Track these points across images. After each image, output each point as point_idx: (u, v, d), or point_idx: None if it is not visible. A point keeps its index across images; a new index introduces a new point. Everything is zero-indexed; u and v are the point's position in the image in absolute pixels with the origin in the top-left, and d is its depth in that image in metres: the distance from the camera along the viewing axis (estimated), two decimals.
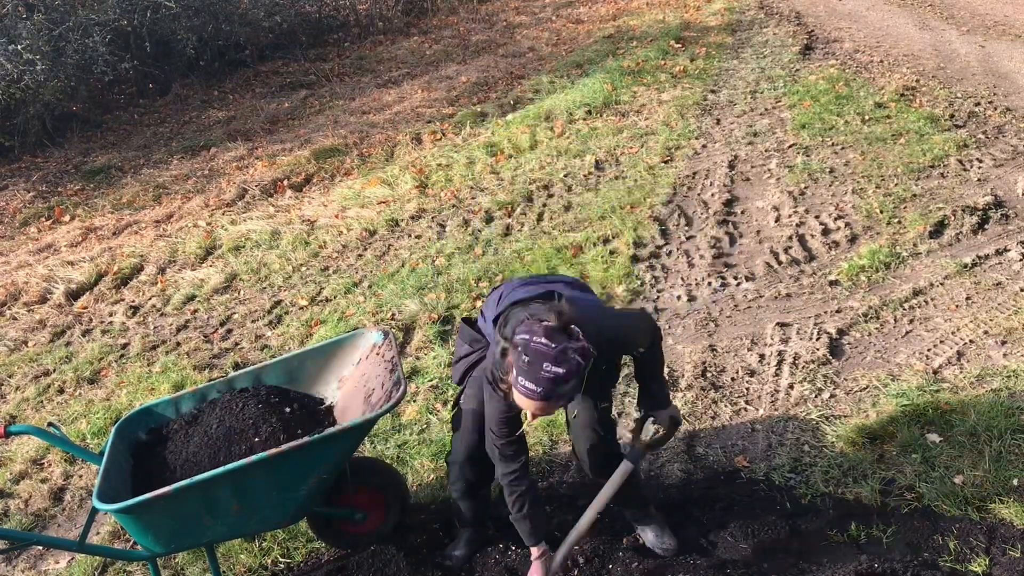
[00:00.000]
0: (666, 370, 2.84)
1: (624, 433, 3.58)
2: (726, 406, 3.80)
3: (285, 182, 7.42)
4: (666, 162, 6.61)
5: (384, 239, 6.04)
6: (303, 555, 3.26)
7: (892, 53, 8.79)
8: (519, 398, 2.35)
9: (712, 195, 5.93)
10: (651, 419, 2.78)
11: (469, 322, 2.92)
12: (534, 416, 2.43)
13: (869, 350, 4.07)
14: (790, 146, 6.57)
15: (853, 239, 5.09)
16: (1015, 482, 3.08)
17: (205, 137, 9.10)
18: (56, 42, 9.26)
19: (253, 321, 5.19)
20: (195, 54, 10.99)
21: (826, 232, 5.20)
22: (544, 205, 6.17)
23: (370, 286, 5.37)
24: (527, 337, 2.30)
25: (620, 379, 4.05)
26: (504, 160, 7.16)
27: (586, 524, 2.78)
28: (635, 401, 3.10)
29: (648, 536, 3.03)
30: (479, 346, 2.82)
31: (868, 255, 4.81)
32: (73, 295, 5.84)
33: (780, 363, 4.04)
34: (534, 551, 2.71)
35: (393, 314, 4.94)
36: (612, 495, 2.77)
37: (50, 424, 2.89)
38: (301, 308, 5.24)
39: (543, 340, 2.28)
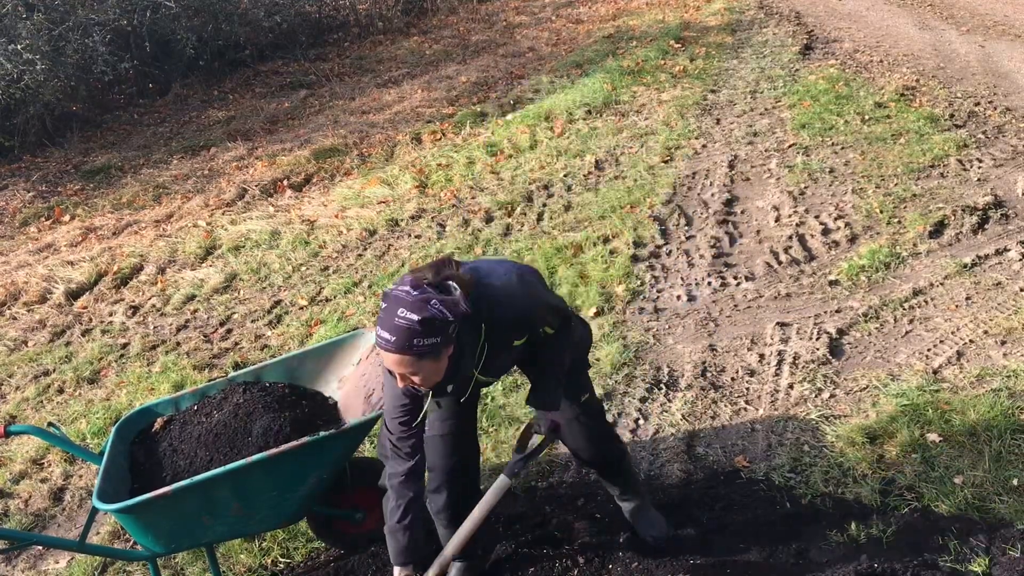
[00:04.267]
0: (559, 376, 2.64)
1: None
2: (726, 406, 3.80)
3: (285, 182, 7.42)
4: (666, 162, 6.60)
5: (384, 239, 6.04)
6: (303, 555, 3.26)
7: (892, 53, 8.79)
8: (379, 353, 2.19)
9: (712, 195, 5.93)
10: (533, 426, 2.64)
11: None
12: (403, 381, 2.22)
13: (869, 350, 4.07)
14: (790, 146, 6.57)
15: (853, 239, 5.09)
16: (1015, 482, 3.08)
17: (205, 137, 9.10)
18: (56, 42, 9.26)
19: (253, 321, 5.19)
20: (195, 54, 10.98)
21: (826, 232, 5.20)
22: (544, 205, 6.17)
23: (370, 286, 5.37)
24: (392, 288, 2.16)
25: (619, 381, 4.06)
26: (504, 160, 7.16)
27: (457, 545, 2.54)
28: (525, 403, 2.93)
29: (631, 518, 2.97)
30: None
31: (868, 255, 4.81)
32: (73, 295, 5.84)
33: (780, 363, 4.04)
34: (397, 571, 2.45)
35: None
36: (486, 513, 2.54)
37: (50, 424, 2.89)
38: (301, 308, 5.24)
39: (406, 288, 2.13)
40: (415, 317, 2.08)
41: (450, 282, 2.19)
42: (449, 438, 2.63)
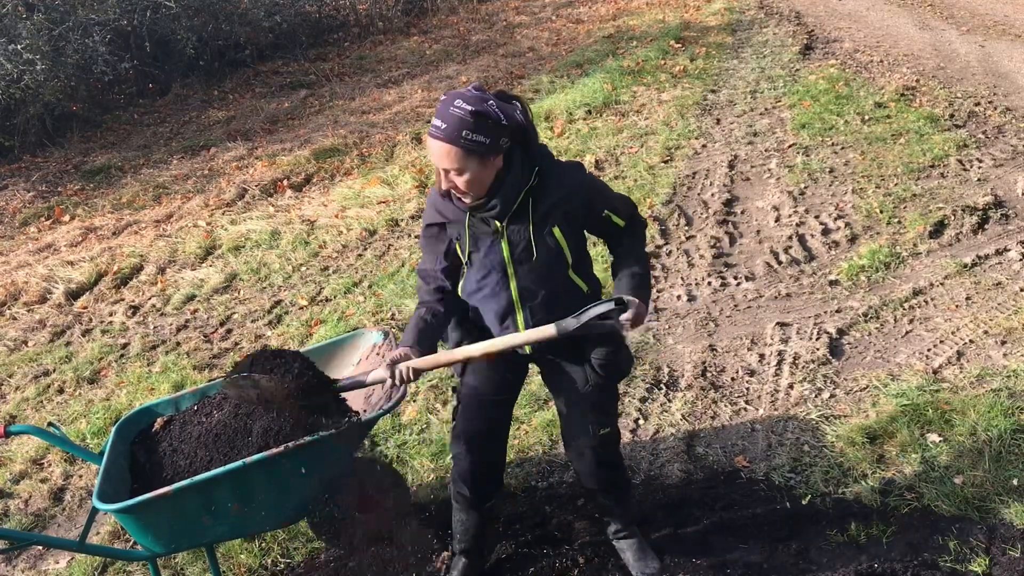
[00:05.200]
0: (650, 276, 2.55)
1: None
2: (726, 406, 3.80)
3: (285, 182, 7.42)
4: (666, 162, 6.60)
5: (384, 239, 6.04)
6: (303, 555, 3.26)
7: (892, 53, 8.79)
8: (428, 146, 2.24)
9: (712, 195, 5.93)
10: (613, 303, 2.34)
11: None
12: (446, 178, 2.25)
13: (869, 350, 4.07)
14: (790, 146, 6.57)
15: (853, 239, 5.09)
16: (1015, 482, 3.08)
17: (205, 137, 9.10)
18: (56, 42, 9.26)
19: (253, 321, 5.19)
20: (195, 54, 10.99)
21: (826, 232, 5.20)
22: None
23: (370, 286, 5.37)
24: (456, 90, 2.22)
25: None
26: None
27: (464, 353, 2.43)
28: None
29: (628, 557, 2.89)
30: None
31: (868, 255, 4.81)
32: (73, 295, 5.84)
33: (780, 363, 4.04)
34: (399, 350, 2.40)
35: (393, 314, 4.94)
36: (507, 347, 2.40)
37: (50, 424, 2.89)
38: (301, 308, 5.24)
39: (469, 88, 2.19)
40: (469, 107, 2.15)
41: (515, 100, 2.26)
42: (471, 435, 2.66)
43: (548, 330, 2.36)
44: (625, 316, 2.31)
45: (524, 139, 2.34)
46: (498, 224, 2.39)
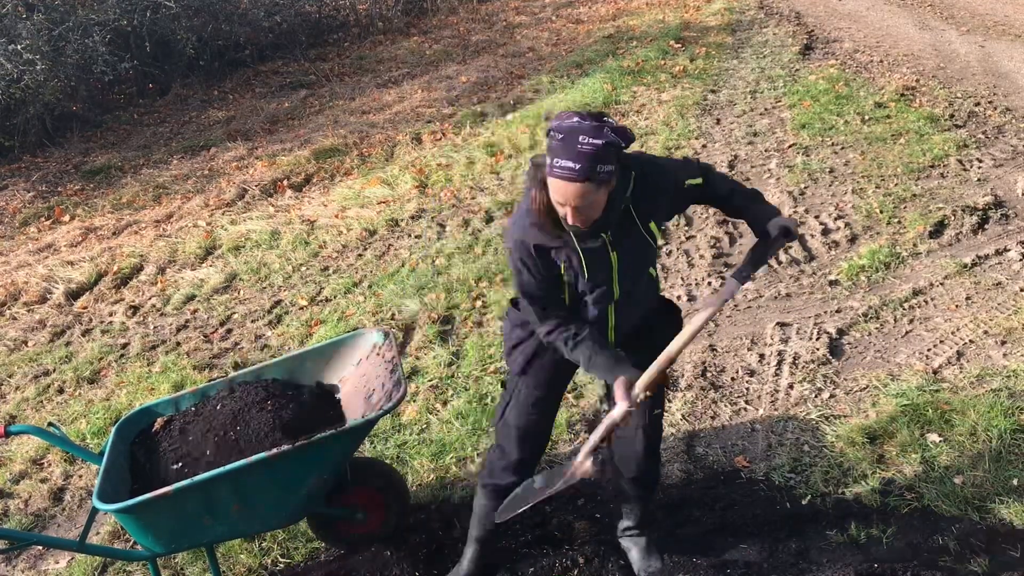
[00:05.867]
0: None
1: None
2: (726, 406, 3.80)
3: (285, 182, 7.42)
4: None
5: (384, 239, 6.04)
6: (303, 555, 3.26)
7: (892, 53, 8.78)
8: (554, 187, 2.19)
9: None
10: (759, 240, 2.52)
11: (516, 304, 2.69)
12: (574, 214, 2.22)
13: (869, 350, 4.07)
14: (790, 146, 6.57)
15: (853, 239, 5.09)
16: (1015, 482, 3.08)
17: (205, 137, 9.10)
18: (56, 42, 9.26)
19: (253, 321, 5.19)
20: (195, 54, 10.98)
21: (826, 232, 5.20)
22: None
23: (370, 286, 5.37)
24: (558, 121, 2.17)
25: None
26: (504, 160, 7.16)
27: (675, 348, 2.42)
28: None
29: (633, 555, 2.92)
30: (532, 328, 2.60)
31: (868, 255, 4.81)
32: (73, 295, 5.84)
33: (780, 363, 4.04)
34: (619, 381, 2.36)
35: (393, 314, 4.94)
36: (706, 321, 2.45)
37: (50, 424, 2.89)
38: (301, 308, 5.24)
39: (576, 119, 2.16)
40: (598, 142, 2.12)
41: (605, 116, 2.23)
42: (524, 430, 2.67)
43: (731, 286, 2.48)
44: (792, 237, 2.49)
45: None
46: (605, 235, 2.40)
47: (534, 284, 2.42)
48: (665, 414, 3.77)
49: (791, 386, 3.87)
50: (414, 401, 4.11)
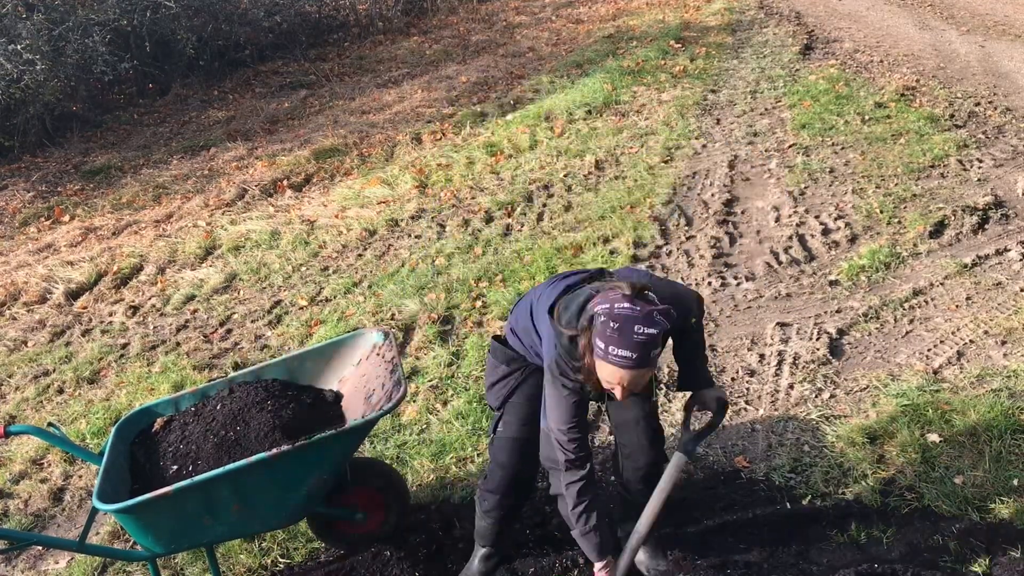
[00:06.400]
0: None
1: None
2: None
3: (285, 182, 7.42)
4: (666, 162, 6.60)
5: (384, 239, 6.04)
6: (303, 555, 3.26)
7: (892, 53, 8.79)
8: (608, 371, 2.23)
9: (712, 195, 5.92)
10: (696, 405, 2.67)
11: (501, 341, 2.77)
12: (623, 392, 2.28)
13: (869, 350, 4.07)
14: (790, 146, 6.57)
15: (853, 239, 5.09)
16: (1015, 482, 3.08)
17: (205, 137, 9.10)
18: (56, 42, 9.26)
19: (253, 321, 5.19)
20: (195, 54, 10.98)
21: (826, 232, 5.20)
22: (544, 205, 6.17)
23: (370, 286, 5.37)
24: (608, 306, 2.20)
25: None
26: (504, 160, 7.16)
27: (646, 525, 2.57)
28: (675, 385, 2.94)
29: (640, 556, 2.92)
30: (516, 367, 2.69)
31: (868, 255, 4.81)
32: (73, 295, 5.84)
33: (780, 363, 4.04)
34: (598, 565, 2.52)
35: (393, 314, 4.94)
36: (670, 490, 2.57)
37: (50, 424, 2.89)
38: (301, 308, 5.24)
39: (626, 305, 2.19)
40: (653, 331, 2.18)
41: (647, 292, 2.27)
42: (522, 442, 2.70)
43: (680, 460, 2.58)
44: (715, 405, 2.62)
45: None
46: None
47: (571, 419, 2.42)
48: (665, 414, 3.77)
49: (791, 386, 3.87)
50: (414, 401, 4.11)
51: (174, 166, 8.33)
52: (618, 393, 2.29)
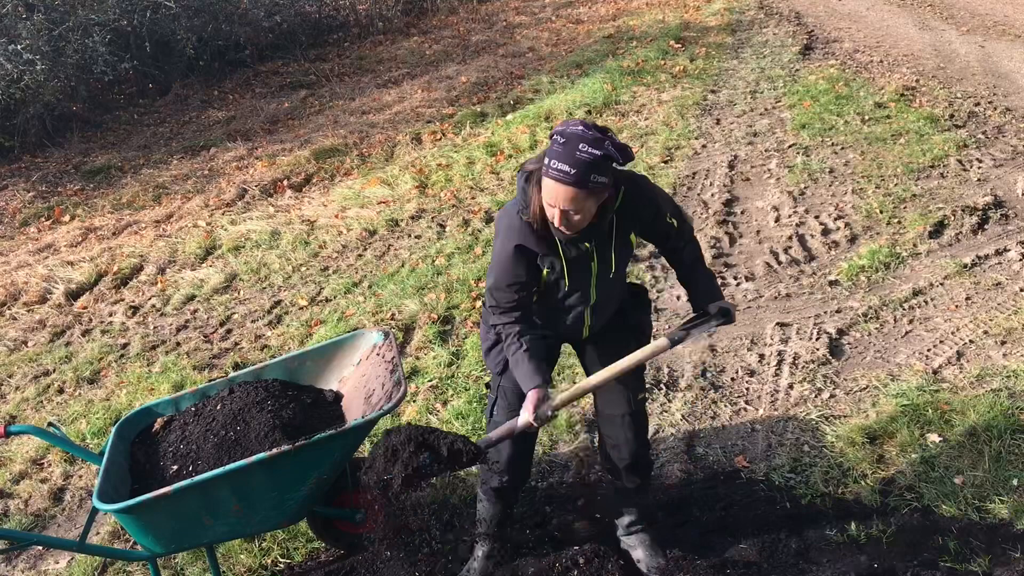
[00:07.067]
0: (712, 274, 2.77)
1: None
2: (726, 406, 3.80)
3: (285, 182, 7.42)
4: (666, 162, 6.60)
5: (384, 239, 6.04)
6: (303, 555, 3.26)
7: (892, 53, 8.79)
8: (546, 188, 2.26)
9: (712, 195, 5.93)
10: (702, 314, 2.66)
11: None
12: (560, 217, 2.29)
13: (869, 350, 4.07)
14: (790, 146, 6.57)
15: (853, 239, 5.09)
16: (1015, 482, 3.08)
17: (205, 137, 9.10)
18: (56, 42, 9.26)
19: (253, 321, 5.19)
20: (195, 54, 10.99)
21: (826, 232, 5.20)
22: None
23: (370, 286, 5.37)
24: (563, 127, 2.24)
25: None
26: (504, 160, 7.16)
27: (596, 381, 2.57)
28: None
29: (638, 553, 2.94)
30: None
31: (868, 255, 4.81)
32: (73, 295, 5.84)
33: (780, 363, 4.04)
34: (532, 392, 2.49)
35: (393, 314, 4.94)
36: (632, 366, 2.56)
37: (50, 424, 2.89)
38: (301, 308, 5.24)
39: (580, 127, 2.23)
40: (597, 152, 2.19)
41: (610, 132, 2.28)
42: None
43: (662, 344, 2.57)
44: (727, 320, 2.62)
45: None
46: (587, 245, 2.48)
47: (507, 276, 2.49)
48: (665, 414, 3.77)
49: (791, 386, 3.87)
50: (414, 401, 4.11)
51: (174, 166, 8.33)
52: (556, 218, 2.31)
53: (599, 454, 3.05)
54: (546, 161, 2.24)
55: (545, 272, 2.50)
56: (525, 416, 2.48)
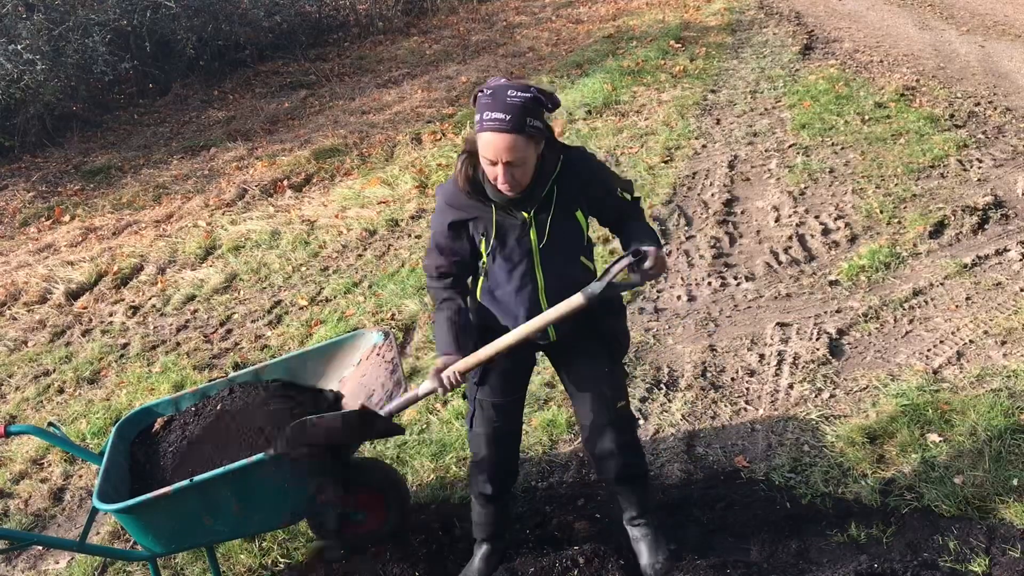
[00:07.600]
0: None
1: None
2: (726, 406, 3.80)
3: (285, 182, 7.42)
4: (666, 162, 6.61)
5: (384, 239, 6.04)
6: (303, 555, 3.26)
7: (892, 53, 8.79)
8: (484, 143, 2.20)
9: (712, 195, 5.93)
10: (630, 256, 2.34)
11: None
12: (505, 172, 2.22)
13: (869, 350, 4.07)
14: (790, 146, 6.57)
15: (853, 239, 5.09)
16: (1015, 482, 3.08)
17: (205, 137, 9.10)
18: (56, 42, 9.27)
19: (253, 321, 5.19)
20: (195, 54, 10.99)
21: (826, 232, 5.20)
22: None
23: (370, 286, 5.37)
24: (485, 85, 2.24)
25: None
26: None
27: (506, 343, 2.43)
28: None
29: (641, 547, 2.90)
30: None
31: (868, 255, 4.81)
32: (73, 295, 5.85)
33: (780, 363, 4.04)
34: (439, 359, 2.44)
35: (393, 314, 4.94)
36: (543, 326, 2.41)
37: (50, 424, 2.89)
38: (301, 308, 5.24)
39: (503, 79, 2.25)
40: (527, 94, 2.17)
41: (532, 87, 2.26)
42: (494, 435, 2.72)
43: (576, 299, 2.36)
44: (648, 263, 2.32)
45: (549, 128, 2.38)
46: (526, 214, 2.41)
47: (439, 238, 2.49)
48: (665, 414, 3.77)
49: (791, 386, 3.87)
50: None
51: (174, 166, 8.33)
52: (500, 175, 2.25)
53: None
54: (478, 117, 2.21)
55: (482, 245, 2.44)
56: (429, 384, 2.46)
